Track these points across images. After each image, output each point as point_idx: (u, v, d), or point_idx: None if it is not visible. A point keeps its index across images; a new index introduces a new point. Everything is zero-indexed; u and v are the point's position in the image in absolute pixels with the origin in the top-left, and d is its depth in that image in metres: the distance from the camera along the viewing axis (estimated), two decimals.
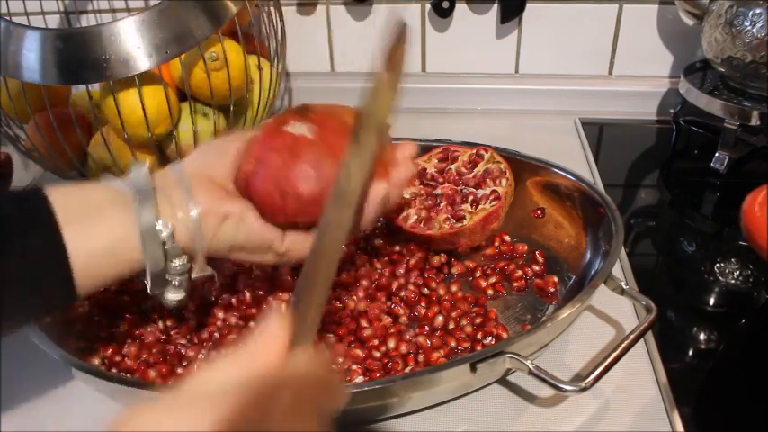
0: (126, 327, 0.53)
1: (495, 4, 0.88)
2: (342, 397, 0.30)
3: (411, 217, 0.61)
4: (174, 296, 0.44)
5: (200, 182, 0.44)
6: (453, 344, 0.51)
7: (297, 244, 0.46)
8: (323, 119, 0.46)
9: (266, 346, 0.28)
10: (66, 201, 0.39)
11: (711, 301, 0.60)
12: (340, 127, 0.45)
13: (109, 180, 0.42)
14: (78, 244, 0.38)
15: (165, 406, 0.25)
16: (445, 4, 0.87)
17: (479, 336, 0.51)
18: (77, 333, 0.52)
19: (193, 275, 0.44)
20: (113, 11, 0.92)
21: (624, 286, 0.51)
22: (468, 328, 0.52)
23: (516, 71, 0.94)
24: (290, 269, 0.57)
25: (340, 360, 0.49)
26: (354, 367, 0.49)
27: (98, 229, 0.39)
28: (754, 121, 0.74)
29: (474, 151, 0.65)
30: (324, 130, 0.45)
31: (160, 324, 0.53)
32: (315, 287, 0.33)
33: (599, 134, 0.89)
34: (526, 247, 0.62)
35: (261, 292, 0.55)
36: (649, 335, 0.54)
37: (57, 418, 0.49)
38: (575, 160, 0.80)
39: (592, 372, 0.43)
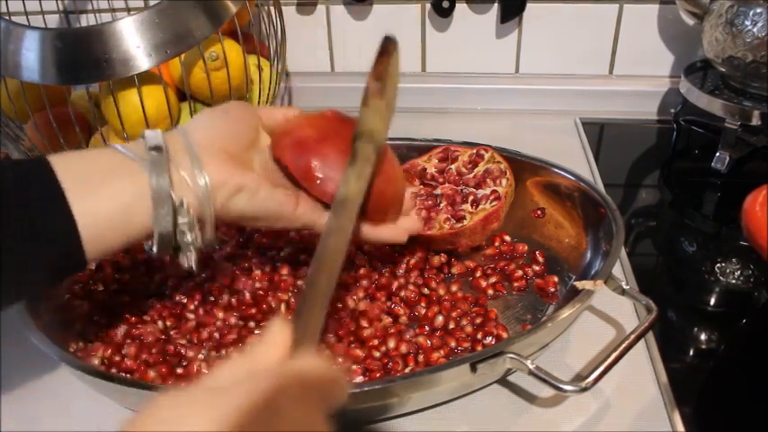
0: (126, 327, 0.53)
1: (495, 4, 0.88)
2: (344, 392, 0.30)
3: None
4: (185, 260, 0.43)
5: (212, 152, 0.43)
6: (453, 344, 0.51)
7: (307, 212, 0.46)
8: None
9: (268, 348, 0.30)
10: (71, 167, 0.39)
11: (712, 301, 0.60)
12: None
13: (117, 145, 0.42)
14: (86, 209, 0.38)
15: (173, 404, 0.25)
16: (445, 4, 0.87)
17: (479, 336, 0.51)
18: (77, 333, 0.52)
19: (203, 243, 0.44)
20: (113, 11, 0.92)
21: (625, 286, 0.51)
22: (469, 328, 0.52)
23: (516, 71, 0.93)
24: (290, 269, 0.57)
25: (340, 360, 0.49)
26: (354, 367, 0.49)
27: (106, 195, 0.39)
28: (755, 121, 0.74)
29: (474, 151, 0.65)
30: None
31: (160, 324, 0.53)
32: (317, 293, 0.33)
33: (599, 134, 0.89)
34: (526, 247, 0.61)
35: (261, 292, 0.55)
36: (650, 335, 0.53)
37: (56, 418, 0.49)
38: (575, 160, 0.80)
39: (592, 372, 0.43)
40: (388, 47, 0.44)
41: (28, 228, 0.37)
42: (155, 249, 0.42)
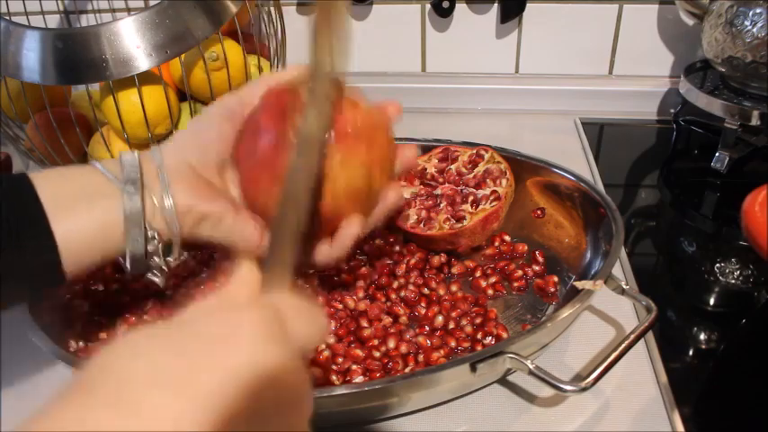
0: (126, 327, 0.53)
1: (495, 4, 0.88)
2: (321, 327, 0.30)
3: (411, 217, 0.61)
4: (154, 278, 0.45)
5: (182, 175, 0.43)
6: (453, 344, 0.51)
7: None
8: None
9: (238, 288, 0.30)
10: (52, 187, 0.40)
11: (711, 301, 0.60)
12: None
13: (96, 164, 0.43)
14: (65, 229, 0.40)
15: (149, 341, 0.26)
16: (445, 4, 0.87)
17: (479, 336, 0.51)
18: (77, 333, 0.52)
19: (171, 262, 0.45)
20: (113, 11, 0.92)
21: (624, 286, 0.51)
22: (469, 328, 0.52)
23: (516, 71, 0.94)
24: None
25: (340, 360, 0.49)
26: (354, 367, 0.49)
27: (85, 217, 0.40)
28: (755, 121, 0.74)
29: (474, 151, 0.65)
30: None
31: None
32: (286, 231, 0.33)
33: (599, 134, 0.89)
34: (526, 247, 0.62)
35: None
36: (649, 335, 0.53)
37: None
38: (575, 160, 0.80)
39: (592, 372, 0.43)
40: None
41: (9, 243, 0.38)
42: (128, 268, 0.43)
